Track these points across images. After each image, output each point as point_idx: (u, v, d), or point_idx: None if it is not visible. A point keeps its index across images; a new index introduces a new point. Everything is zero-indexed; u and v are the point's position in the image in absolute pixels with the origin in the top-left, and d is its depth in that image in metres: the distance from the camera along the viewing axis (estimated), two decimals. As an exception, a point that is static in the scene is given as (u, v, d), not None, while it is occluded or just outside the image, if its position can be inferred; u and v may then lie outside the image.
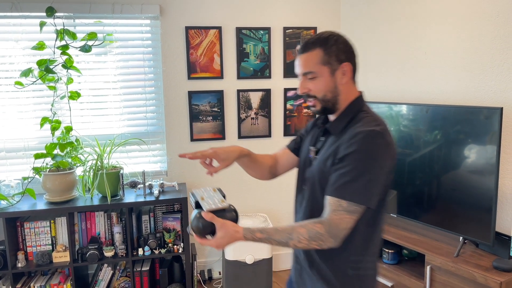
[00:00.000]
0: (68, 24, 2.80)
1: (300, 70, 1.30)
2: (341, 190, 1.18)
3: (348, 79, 1.29)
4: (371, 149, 1.18)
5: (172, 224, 2.89)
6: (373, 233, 1.29)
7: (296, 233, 1.19)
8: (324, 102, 1.29)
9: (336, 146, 1.25)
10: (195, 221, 1.26)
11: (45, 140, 2.84)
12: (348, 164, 1.18)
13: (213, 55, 3.05)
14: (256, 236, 1.22)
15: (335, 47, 1.26)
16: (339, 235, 1.18)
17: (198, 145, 3.15)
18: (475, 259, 2.08)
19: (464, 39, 2.29)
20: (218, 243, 1.23)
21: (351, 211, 1.18)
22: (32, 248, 2.70)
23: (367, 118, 1.25)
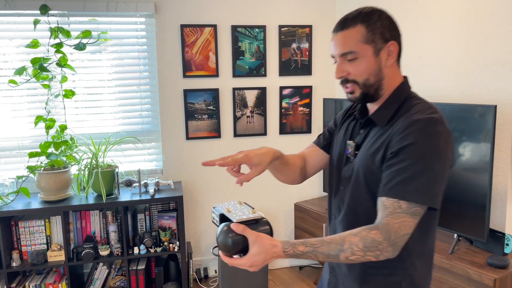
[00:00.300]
0: (62, 22, 2.78)
1: (337, 50, 1.11)
2: (399, 189, 1.00)
3: (394, 60, 1.12)
4: (432, 140, 1.00)
5: (168, 223, 2.89)
6: (429, 238, 1.13)
7: (348, 244, 1.00)
8: (365, 87, 1.11)
9: (386, 139, 1.07)
10: (222, 237, 1.04)
11: (39, 139, 2.83)
12: (406, 158, 1.00)
13: (209, 53, 3.05)
14: (299, 250, 1.02)
15: (380, 23, 1.08)
16: (399, 242, 1.00)
17: (193, 144, 3.14)
18: (469, 256, 2.10)
19: (458, 38, 2.30)
20: (253, 262, 1.01)
21: (412, 213, 1.00)
22: (27, 247, 2.69)
23: (420, 104, 1.08)
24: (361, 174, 1.12)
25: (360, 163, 1.13)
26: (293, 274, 3.30)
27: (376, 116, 1.14)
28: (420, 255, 1.12)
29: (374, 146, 1.10)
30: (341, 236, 1.02)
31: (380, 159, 1.07)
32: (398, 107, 1.11)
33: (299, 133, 3.33)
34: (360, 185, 1.12)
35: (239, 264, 1.03)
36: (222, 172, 3.24)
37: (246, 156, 1.12)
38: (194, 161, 3.17)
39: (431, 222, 1.12)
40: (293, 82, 3.26)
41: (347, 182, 1.18)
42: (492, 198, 2.17)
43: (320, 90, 3.33)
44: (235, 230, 1.03)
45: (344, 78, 1.13)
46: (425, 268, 1.13)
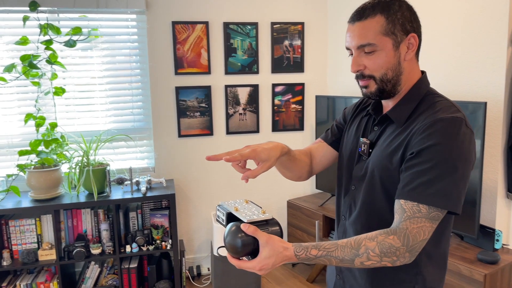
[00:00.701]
0: (52, 18, 2.75)
1: (354, 42, 1.04)
2: (419, 192, 0.95)
3: (413, 54, 1.05)
4: (455, 141, 0.94)
5: (160, 221, 2.87)
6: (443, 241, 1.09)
7: (364, 248, 0.95)
8: (382, 82, 1.04)
9: (406, 138, 1.01)
10: (231, 237, 0.98)
11: (29, 137, 2.80)
12: (427, 159, 0.95)
13: (200, 50, 3.03)
14: (311, 254, 0.97)
15: (400, 13, 1.01)
16: (417, 248, 0.95)
17: (186, 141, 3.13)
18: (460, 251, 2.11)
19: (449, 35, 2.31)
20: (263, 265, 0.95)
21: (432, 218, 0.95)
22: (18, 246, 2.66)
23: (442, 102, 1.02)
24: (377, 174, 1.06)
25: (375, 163, 1.07)
26: (286, 271, 3.30)
27: (393, 113, 1.07)
28: (433, 258, 1.08)
29: (391, 146, 1.04)
30: (357, 240, 0.97)
31: (399, 159, 1.01)
32: (416, 105, 1.05)
33: (291, 130, 3.33)
34: (375, 185, 1.07)
35: (247, 267, 0.97)
36: (214, 170, 3.23)
37: (253, 151, 1.04)
38: (186, 158, 3.15)
39: (447, 225, 1.07)
40: (285, 80, 3.25)
41: (360, 182, 1.12)
42: (483, 194, 2.19)
43: (312, 87, 3.33)
44: (245, 231, 0.96)
45: (360, 72, 1.06)
46: (438, 272, 1.10)
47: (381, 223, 1.06)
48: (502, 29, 2.04)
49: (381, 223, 1.05)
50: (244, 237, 0.97)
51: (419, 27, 1.06)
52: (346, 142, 1.23)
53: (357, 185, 1.13)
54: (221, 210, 1.09)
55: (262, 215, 1.02)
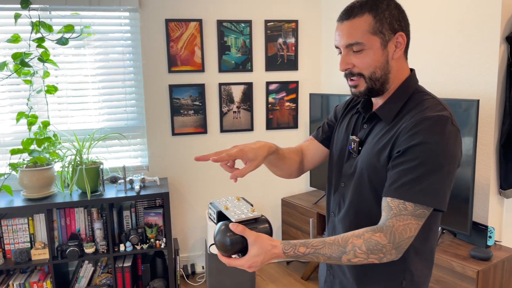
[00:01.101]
0: (44, 16, 2.73)
1: (342, 41, 1.05)
2: (406, 190, 0.96)
3: (401, 53, 1.06)
4: (441, 139, 0.96)
5: (154, 219, 2.87)
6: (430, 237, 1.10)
7: (351, 246, 0.97)
8: (371, 81, 1.05)
9: (393, 136, 1.02)
10: (220, 236, 1.01)
11: (21, 136, 2.77)
12: (413, 158, 0.96)
13: (194, 48, 3.02)
14: (299, 251, 0.99)
15: (388, 12, 1.03)
16: (403, 245, 0.97)
17: (179, 139, 3.12)
18: (453, 248, 2.12)
19: (441, 33, 2.32)
20: (252, 263, 0.98)
21: (418, 215, 0.97)
22: (10, 246, 2.64)
23: (429, 100, 1.03)
24: (365, 172, 1.07)
25: (364, 161, 1.08)
26: (280, 269, 3.31)
27: (381, 111, 1.08)
28: (420, 254, 1.09)
29: (379, 144, 1.05)
30: (344, 237, 0.99)
31: (386, 157, 1.02)
32: (404, 103, 1.06)
33: (286, 128, 3.33)
34: (364, 183, 1.08)
35: (237, 265, 1.00)
36: (208, 168, 3.22)
37: (241, 151, 1.06)
38: (180, 157, 3.14)
39: (434, 222, 1.09)
40: (279, 77, 3.25)
41: (349, 179, 1.13)
42: (475, 192, 2.20)
43: (306, 85, 3.34)
44: (234, 230, 0.99)
45: (349, 70, 1.07)
46: (425, 267, 1.11)
47: (369, 220, 1.07)
48: (494, 27, 2.05)
49: (369, 220, 1.07)
50: (232, 236, 0.99)
51: (408, 25, 1.07)
52: (336, 139, 1.24)
53: (347, 182, 1.15)
54: (213, 208, 1.10)
55: (251, 214, 1.04)
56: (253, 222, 1.03)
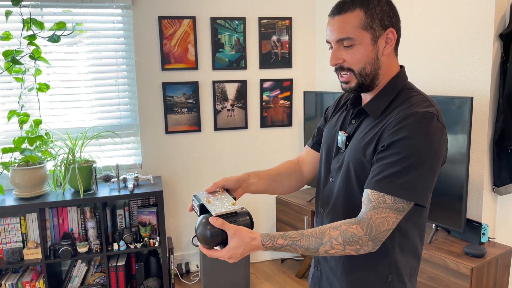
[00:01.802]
0: (35, 13, 2.69)
1: (333, 35, 1.05)
2: (386, 183, 0.97)
3: (392, 49, 1.07)
4: (425, 135, 0.96)
5: (148, 218, 2.85)
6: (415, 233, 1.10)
7: (327, 237, 0.99)
8: (361, 76, 1.05)
9: (379, 131, 1.03)
10: (201, 229, 1.05)
11: (13, 134, 2.74)
12: (396, 152, 0.97)
13: (188, 45, 3.00)
14: (278, 243, 1.02)
15: (379, 8, 1.03)
16: (380, 237, 0.98)
17: (173, 138, 3.10)
18: (447, 245, 2.13)
19: (435, 30, 2.32)
20: (232, 254, 1.02)
21: (396, 209, 0.97)
22: (2, 246, 2.61)
23: (416, 96, 1.05)
24: (352, 166, 1.08)
25: (350, 155, 1.09)
26: (275, 267, 3.31)
27: (369, 107, 1.09)
28: (405, 249, 1.09)
29: (365, 138, 1.06)
30: (321, 229, 1.01)
31: (372, 152, 1.03)
32: (392, 98, 1.07)
33: (280, 126, 3.32)
34: (350, 177, 1.09)
35: (217, 256, 1.04)
36: (202, 166, 3.21)
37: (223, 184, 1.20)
38: (174, 155, 3.13)
39: (418, 218, 1.09)
40: (273, 75, 3.24)
41: (337, 174, 1.14)
42: (469, 189, 2.21)
43: (300, 83, 3.33)
44: (213, 224, 1.02)
45: (339, 65, 1.07)
46: (411, 262, 1.12)
47: (355, 213, 1.07)
48: (488, 25, 2.05)
49: (356, 213, 1.07)
50: (212, 229, 1.03)
51: (398, 22, 1.08)
52: (325, 137, 1.25)
53: (335, 177, 1.16)
54: (196, 201, 1.13)
55: (231, 207, 1.07)
56: (233, 215, 1.06)
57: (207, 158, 3.21)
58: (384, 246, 1.05)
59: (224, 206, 1.08)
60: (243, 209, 1.09)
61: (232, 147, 3.25)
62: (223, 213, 1.05)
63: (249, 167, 3.29)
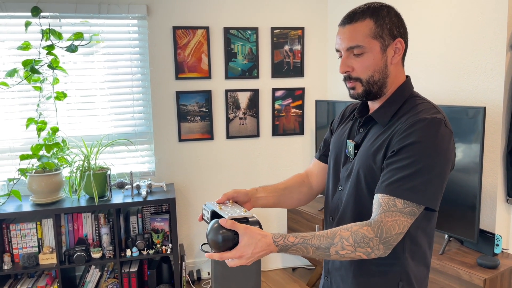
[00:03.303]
0: (54, 24, 2.77)
1: (344, 44, 1.08)
2: (396, 187, 0.98)
3: (399, 58, 1.10)
4: (434, 140, 0.98)
5: (160, 225, 2.88)
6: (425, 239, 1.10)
7: (338, 237, 0.99)
8: (369, 84, 1.08)
9: (388, 137, 1.05)
10: (212, 233, 1.03)
11: (31, 141, 2.81)
12: (406, 157, 0.99)
13: (201, 55, 3.05)
14: (289, 241, 1.01)
15: (388, 19, 1.07)
16: (391, 241, 0.98)
17: (186, 145, 3.14)
18: (460, 256, 2.11)
19: (448, 40, 2.32)
20: (242, 252, 1.00)
21: (407, 212, 0.98)
22: (18, 250, 2.67)
23: (424, 104, 1.07)
24: (361, 173, 1.09)
25: (360, 163, 1.10)
26: (286, 275, 3.30)
27: (377, 114, 1.12)
28: (416, 257, 1.10)
29: (374, 145, 1.08)
30: (333, 230, 1.01)
31: (381, 158, 1.05)
32: (399, 106, 1.09)
33: (292, 134, 3.34)
34: (360, 184, 1.10)
35: (228, 257, 1.02)
36: (215, 174, 3.24)
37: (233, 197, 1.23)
38: (186, 163, 3.16)
39: (428, 223, 1.09)
40: (285, 84, 3.27)
41: (346, 182, 1.15)
42: (482, 199, 2.19)
43: (312, 92, 3.35)
44: (224, 225, 1.02)
45: (348, 73, 1.10)
46: (422, 269, 1.12)
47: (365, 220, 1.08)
48: (501, 34, 2.05)
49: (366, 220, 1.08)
50: (225, 233, 1.02)
51: (406, 33, 1.12)
52: (332, 147, 1.27)
53: (344, 185, 1.17)
54: (207, 209, 1.14)
55: (243, 213, 1.08)
56: (244, 222, 1.06)
57: (219, 165, 3.24)
58: (394, 252, 1.06)
59: (236, 212, 1.10)
60: (254, 218, 1.09)
61: (244, 155, 3.27)
62: (235, 217, 1.06)
63: (260, 175, 3.31)
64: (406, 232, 1.04)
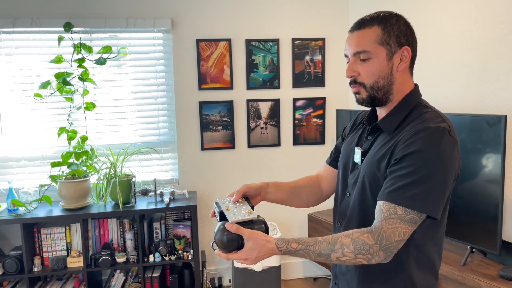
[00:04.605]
0: (85, 38, 2.92)
1: (351, 49, 1.11)
2: (397, 194, 0.99)
3: (406, 66, 1.11)
4: (437, 148, 0.99)
5: (182, 232, 2.95)
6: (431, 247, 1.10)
7: (339, 244, 1.01)
8: (373, 90, 1.10)
9: (392, 145, 1.07)
10: (218, 234, 1.12)
11: (62, 149, 2.95)
12: (408, 165, 1.00)
13: (223, 66, 3.13)
14: (292, 247, 1.05)
15: (396, 27, 1.09)
16: (392, 248, 0.99)
17: (208, 154, 3.21)
18: (482, 268, 2.06)
19: (469, 47, 2.30)
20: (247, 255, 1.07)
21: (408, 220, 0.99)
22: (48, 253, 2.80)
23: (430, 113, 1.08)
24: (366, 180, 1.11)
25: (365, 170, 1.12)
26: (307, 285, 3.29)
27: (383, 123, 1.13)
28: (421, 264, 1.09)
29: (379, 153, 1.09)
30: (334, 236, 1.04)
31: (385, 166, 1.06)
32: (406, 115, 1.10)
33: (312, 144, 3.35)
34: (365, 191, 1.12)
35: (234, 258, 1.09)
36: (236, 182, 3.29)
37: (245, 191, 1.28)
38: (208, 171, 3.23)
39: (435, 232, 1.09)
40: (306, 94, 3.30)
41: (353, 188, 1.18)
42: (505, 210, 2.14)
43: (333, 102, 3.36)
44: (229, 229, 1.09)
45: (353, 78, 1.13)
46: (428, 278, 1.12)
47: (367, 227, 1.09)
48: (521, 42, 2.02)
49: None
50: (229, 235, 1.10)
51: (415, 42, 1.13)
52: (342, 153, 1.30)
53: (351, 192, 1.20)
54: (217, 208, 1.21)
55: (247, 216, 1.14)
56: (249, 223, 1.13)
57: (241, 174, 3.29)
58: (398, 259, 1.07)
59: (241, 214, 1.14)
60: (259, 218, 1.15)
61: (265, 164, 3.31)
62: (239, 221, 1.12)
63: (281, 184, 3.34)
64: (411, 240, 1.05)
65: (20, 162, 2.97)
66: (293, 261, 3.42)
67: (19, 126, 2.95)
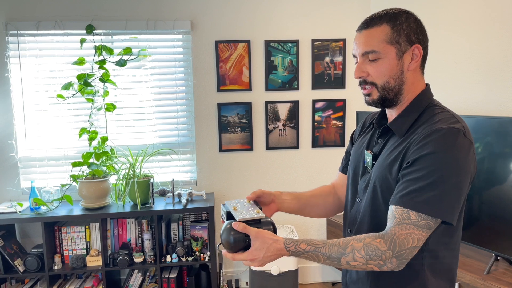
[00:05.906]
0: (106, 40, 2.97)
1: (359, 49, 1.07)
2: (409, 199, 0.95)
3: (417, 65, 1.07)
4: (451, 150, 0.94)
5: (200, 233, 2.95)
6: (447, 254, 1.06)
7: (350, 248, 0.97)
8: (384, 90, 1.06)
9: (404, 148, 1.02)
10: (225, 234, 1.07)
11: (83, 150, 3.00)
12: (421, 168, 0.95)
13: (242, 67, 3.13)
14: (300, 247, 1.01)
15: (406, 25, 1.04)
16: (405, 255, 0.95)
17: (226, 156, 3.21)
18: (507, 277, 1.98)
19: (495, 48, 2.22)
20: (254, 255, 1.02)
21: (421, 225, 0.94)
22: (68, 252, 2.84)
23: (443, 113, 1.03)
24: (378, 184, 1.07)
25: (376, 174, 1.08)
26: (325, 289, 3.24)
27: (394, 124, 1.09)
28: (437, 272, 1.05)
29: (391, 156, 1.05)
30: (345, 240, 1.00)
31: (397, 169, 1.02)
32: (418, 116, 1.06)
33: (332, 146, 3.31)
34: (377, 195, 1.07)
35: (240, 259, 1.05)
36: (253, 184, 3.27)
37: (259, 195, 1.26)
38: (226, 172, 3.23)
39: (450, 238, 1.04)
40: (326, 96, 3.26)
41: (364, 193, 1.13)
42: (533, 216, 2.05)
43: (353, 103, 3.31)
44: (236, 228, 1.05)
45: (363, 78, 1.09)
46: (443, 286, 1.07)
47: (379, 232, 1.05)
48: (551, 42, 1.93)
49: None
50: (236, 234, 1.05)
51: (426, 40, 1.08)
52: (352, 157, 1.26)
53: (362, 197, 1.15)
54: (224, 209, 1.17)
55: (255, 215, 1.10)
56: (257, 223, 1.08)
57: (258, 176, 3.27)
58: (412, 267, 1.02)
59: (249, 213, 1.11)
60: (267, 218, 1.11)
61: (283, 166, 3.29)
62: (246, 219, 1.08)
63: (300, 187, 3.30)
64: (425, 246, 1.01)
65: (43, 161, 3.03)
66: (311, 265, 3.38)
67: (42, 126, 3.01)
